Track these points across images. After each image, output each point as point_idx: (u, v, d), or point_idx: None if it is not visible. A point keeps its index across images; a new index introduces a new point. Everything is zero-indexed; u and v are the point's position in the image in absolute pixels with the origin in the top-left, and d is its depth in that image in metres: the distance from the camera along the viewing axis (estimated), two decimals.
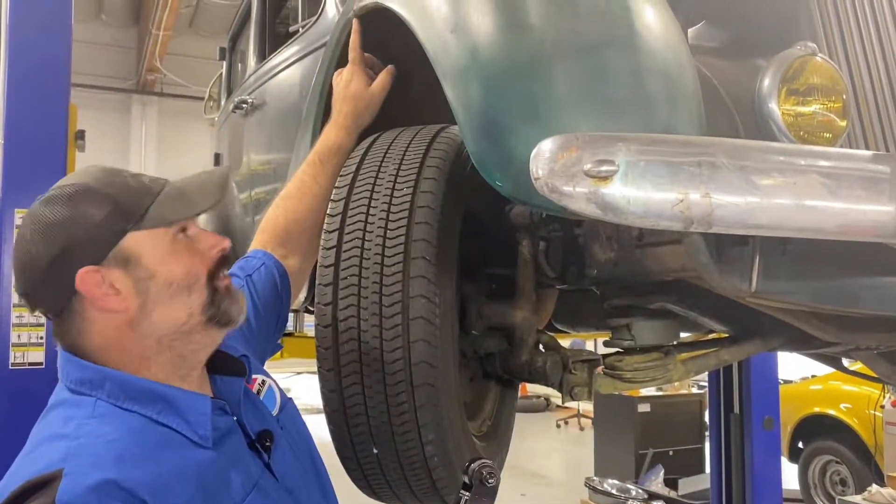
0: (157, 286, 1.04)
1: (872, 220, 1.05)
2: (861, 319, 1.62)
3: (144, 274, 1.04)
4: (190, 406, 1.05)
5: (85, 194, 1.04)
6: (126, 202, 1.05)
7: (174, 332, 1.06)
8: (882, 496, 3.87)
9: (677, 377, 1.69)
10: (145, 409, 1.02)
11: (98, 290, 1.02)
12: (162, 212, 1.06)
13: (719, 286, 1.33)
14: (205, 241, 1.10)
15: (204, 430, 1.04)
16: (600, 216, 0.99)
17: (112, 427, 0.98)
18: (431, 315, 1.27)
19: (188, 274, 1.07)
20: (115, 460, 0.94)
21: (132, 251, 1.04)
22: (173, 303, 1.05)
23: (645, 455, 6.75)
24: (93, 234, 1.03)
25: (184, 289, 1.06)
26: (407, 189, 1.33)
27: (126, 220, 1.04)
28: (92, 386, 1.02)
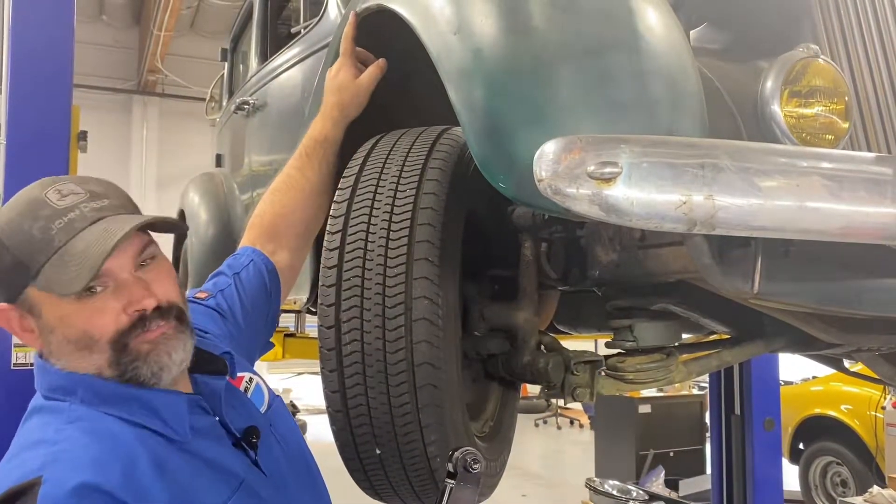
0: (56, 340, 1.04)
1: (875, 222, 1.06)
2: (863, 321, 1.62)
3: (45, 327, 1.04)
4: (165, 404, 1.04)
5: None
6: (24, 259, 1.01)
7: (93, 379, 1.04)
8: (883, 497, 3.87)
9: (679, 378, 1.69)
10: (120, 411, 1.02)
11: (13, 323, 1.05)
12: (49, 278, 1.01)
13: (721, 287, 1.33)
14: (121, 298, 1.04)
15: (181, 428, 1.04)
16: (604, 218, 1.00)
17: (88, 430, 0.98)
18: (434, 316, 1.28)
19: (83, 335, 1.03)
20: (92, 463, 0.94)
21: (34, 303, 1.04)
22: (78, 356, 1.04)
23: (646, 456, 6.75)
24: (3, 277, 1.03)
25: (82, 348, 1.03)
26: (410, 191, 1.34)
27: (23, 276, 1.02)
28: (65, 392, 1.03)
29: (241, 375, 1.23)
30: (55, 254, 1.01)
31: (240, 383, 1.22)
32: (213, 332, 1.28)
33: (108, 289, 1.04)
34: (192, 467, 1.02)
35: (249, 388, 1.22)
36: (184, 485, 0.99)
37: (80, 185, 1.06)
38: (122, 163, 13.61)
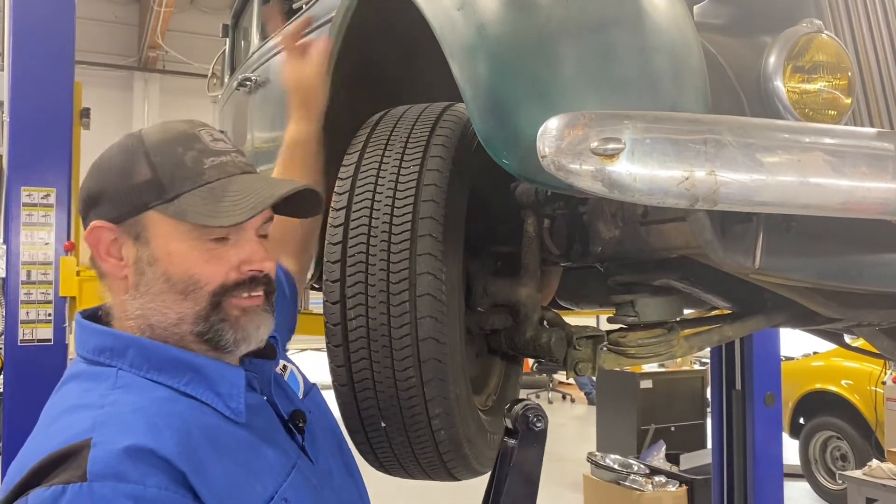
0: (153, 274, 0.97)
1: (877, 197, 1.06)
2: (864, 296, 1.63)
3: (148, 257, 0.98)
4: (222, 377, 0.97)
5: (140, 151, 1.00)
6: (164, 179, 0.98)
7: (164, 328, 0.98)
8: (882, 471, 3.91)
9: (681, 353, 1.70)
10: (172, 380, 0.95)
11: (101, 246, 0.98)
12: (185, 206, 0.98)
13: (723, 263, 1.34)
14: (243, 254, 1.01)
15: (237, 404, 0.97)
16: (606, 194, 1.00)
17: (138, 396, 0.91)
18: (438, 292, 1.29)
19: (189, 278, 0.98)
20: (146, 428, 0.87)
21: (146, 229, 0.98)
22: (164, 298, 0.98)
23: (647, 431, 6.80)
24: (125, 192, 0.98)
25: (178, 291, 0.98)
26: (413, 167, 1.34)
27: (154, 196, 0.98)
28: (113, 354, 0.96)
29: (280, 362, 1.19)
30: (203, 186, 0.99)
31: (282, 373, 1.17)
32: None
33: (231, 241, 1.01)
34: (246, 445, 0.95)
35: (284, 375, 1.17)
36: (238, 462, 0.92)
37: (226, 138, 1.08)
38: None
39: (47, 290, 2.74)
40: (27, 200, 2.72)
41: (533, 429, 1.02)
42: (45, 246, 2.77)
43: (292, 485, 0.97)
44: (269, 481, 0.94)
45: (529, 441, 1.04)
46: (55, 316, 2.74)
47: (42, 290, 2.74)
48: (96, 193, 1.00)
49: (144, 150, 1.00)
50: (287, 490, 0.95)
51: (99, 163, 1.03)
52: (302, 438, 1.07)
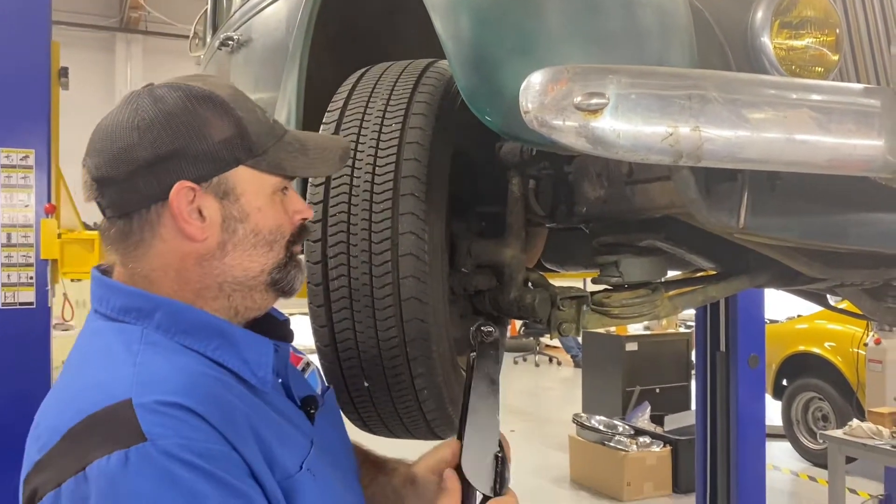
0: (244, 230, 0.96)
1: (862, 155, 1.05)
2: (846, 255, 1.64)
3: (238, 213, 0.95)
4: (250, 345, 0.96)
5: (216, 105, 0.95)
6: (252, 133, 0.96)
7: (239, 283, 0.97)
8: (862, 430, 3.97)
9: (664, 313, 1.71)
10: (200, 344, 0.92)
11: (186, 209, 0.92)
12: (279, 158, 0.98)
13: (707, 222, 1.34)
14: (295, 203, 1.03)
15: (264, 373, 0.95)
16: (590, 150, 0.99)
17: (168, 357, 0.89)
18: (420, 251, 1.28)
19: (276, 229, 0.99)
20: (185, 387, 0.84)
21: (236, 186, 0.95)
22: (252, 253, 0.97)
23: (632, 392, 6.88)
24: (207, 150, 0.93)
25: (267, 243, 0.98)
26: (395, 125, 1.32)
27: (245, 151, 0.95)
28: (139, 315, 0.92)
29: (300, 356, 1.15)
30: (280, 140, 0.99)
31: (297, 363, 1.13)
32: None
33: (287, 192, 1.02)
34: (271, 415, 0.94)
35: (306, 371, 1.14)
36: (269, 430, 0.90)
37: None
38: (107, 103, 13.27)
39: (28, 252, 2.71)
40: (5, 162, 2.67)
41: (486, 340, 1.12)
42: (25, 208, 2.73)
43: (314, 457, 0.96)
44: (295, 452, 0.93)
45: (485, 349, 1.13)
46: (37, 279, 2.71)
47: (23, 252, 2.71)
48: (170, 153, 0.92)
49: (222, 103, 0.95)
50: (311, 462, 0.95)
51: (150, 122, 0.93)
52: (311, 423, 1.04)
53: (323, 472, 0.96)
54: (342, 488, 1.01)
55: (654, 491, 5.78)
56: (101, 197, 0.95)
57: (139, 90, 0.97)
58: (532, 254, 2.16)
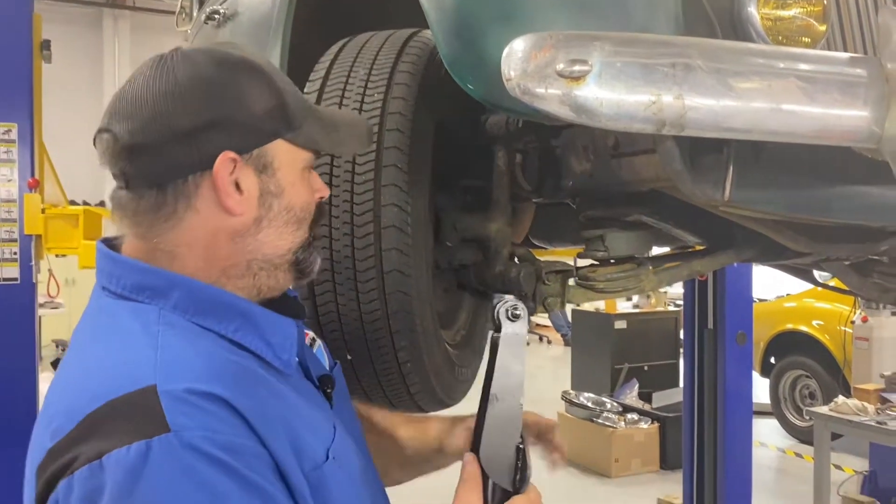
0: (279, 206, 0.92)
1: (847, 125, 1.04)
2: (832, 229, 1.63)
3: (275, 188, 0.92)
4: (273, 326, 0.91)
5: (256, 74, 0.91)
6: (291, 105, 0.93)
7: (268, 261, 0.93)
8: (848, 407, 4.01)
9: (649, 287, 1.70)
10: (219, 325, 0.87)
11: (227, 181, 0.88)
12: (313, 133, 0.95)
13: (692, 195, 1.33)
14: (315, 182, 1.00)
15: (288, 356, 0.91)
16: (573, 118, 0.98)
17: (191, 340, 0.84)
18: (403, 224, 1.27)
19: (306, 206, 0.96)
20: (211, 373, 0.79)
21: (274, 159, 0.91)
22: (284, 231, 0.93)
23: (620, 370, 6.92)
24: (249, 121, 0.89)
25: (297, 220, 0.95)
26: (378, 95, 1.30)
27: (284, 124, 0.92)
28: (154, 294, 0.87)
29: (307, 332, 1.11)
30: (315, 114, 0.97)
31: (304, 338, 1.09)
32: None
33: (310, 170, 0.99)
34: (296, 400, 0.89)
35: (313, 347, 1.10)
36: (295, 416, 0.85)
37: None
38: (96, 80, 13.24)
39: (12, 228, 2.69)
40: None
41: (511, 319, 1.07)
42: (8, 183, 2.70)
43: (339, 443, 0.91)
44: (321, 439, 0.88)
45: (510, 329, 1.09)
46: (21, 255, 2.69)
47: (6, 228, 2.69)
48: (211, 122, 0.87)
49: (261, 73, 0.92)
50: (336, 448, 0.90)
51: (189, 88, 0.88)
52: (330, 405, 1.00)
53: (346, 457, 0.92)
54: (363, 470, 0.96)
55: (642, 467, 5.84)
56: (131, 165, 0.88)
57: (168, 54, 0.92)
58: (520, 229, 2.15)
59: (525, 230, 2.18)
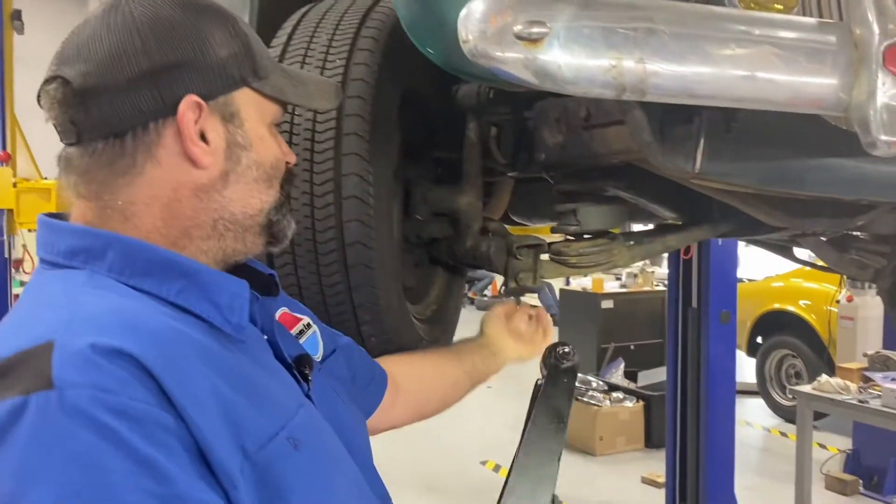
0: (248, 160, 0.86)
1: (814, 92, 1.01)
2: (808, 203, 1.61)
3: (242, 140, 0.85)
4: (221, 286, 0.82)
5: (220, 18, 0.85)
6: (257, 53, 0.88)
7: (235, 222, 0.86)
8: (831, 385, 4.01)
9: (623, 262, 1.68)
10: (160, 287, 0.78)
11: (192, 128, 0.81)
12: (282, 85, 0.89)
13: (663, 167, 1.30)
14: (283, 144, 0.94)
15: (238, 319, 0.82)
16: (531, 82, 0.94)
17: (114, 299, 0.75)
18: (365, 194, 1.23)
19: (276, 163, 0.90)
20: (124, 329, 0.70)
21: (241, 109, 0.86)
22: (254, 188, 0.87)
23: (607, 349, 6.93)
24: (215, 65, 0.83)
25: (268, 177, 0.88)
26: (340, 61, 1.27)
27: (251, 71, 0.86)
28: (88, 256, 0.79)
29: (299, 317, 1.05)
30: (280, 68, 0.92)
31: (293, 324, 1.03)
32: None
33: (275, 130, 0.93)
34: (246, 370, 0.80)
35: (305, 334, 1.04)
36: (236, 387, 0.75)
37: None
38: None
39: None
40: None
41: (559, 365, 1.01)
42: None
43: (301, 424, 0.81)
44: (273, 414, 0.78)
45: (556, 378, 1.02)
46: None
47: None
48: (175, 64, 0.80)
49: (226, 17, 0.86)
50: (297, 428, 0.79)
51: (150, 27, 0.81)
52: (308, 387, 0.91)
53: (311, 443, 0.81)
54: (335, 464, 0.86)
55: (627, 445, 5.86)
56: (84, 113, 0.79)
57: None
58: (498, 205, 2.12)
59: (503, 206, 2.15)
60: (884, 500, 4.91)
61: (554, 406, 1.00)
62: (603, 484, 5.33)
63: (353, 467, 0.89)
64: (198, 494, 0.66)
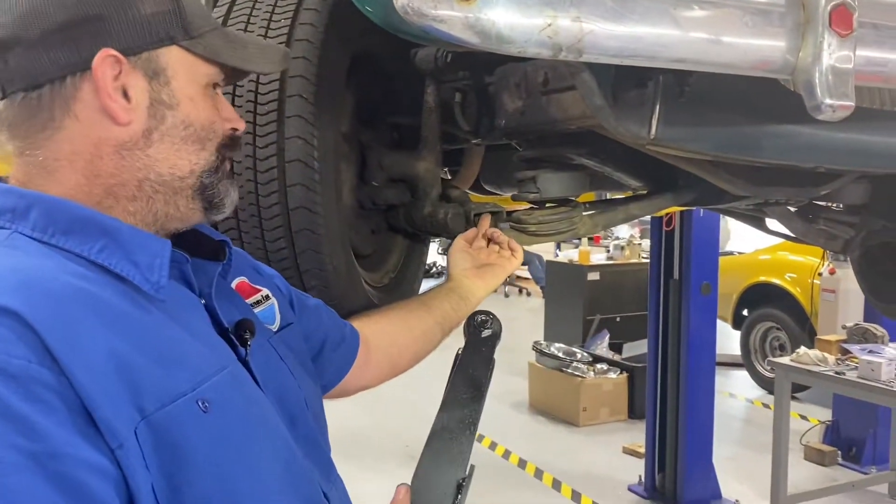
0: (174, 119, 0.85)
1: (760, 54, 0.99)
2: (770, 171, 1.59)
3: (168, 98, 0.84)
4: (141, 245, 0.81)
5: None
6: (189, 12, 0.85)
7: (163, 183, 0.85)
8: (809, 357, 4.02)
9: (584, 231, 1.66)
10: (81, 246, 0.78)
11: (110, 83, 0.80)
12: (217, 45, 0.88)
13: (617, 132, 1.28)
14: (225, 109, 0.92)
15: (157, 277, 0.80)
16: (464, 41, 0.92)
17: (24, 257, 0.75)
18: (309, 158, 1.21)
19: (209, 125, 0.88)
20: (16, 287, 0.69)
21: (167, 67, 0.84)
22: (182, 148, 0.85)
23: (592, 321, 6.94)
24: (138, 20, 0.82)
25: (199, 139, 0.87)
26: (285, 20, 1.23)
27: (179, 30, 0.84)
28: (14, 216, 0.78)
29: (257, 288, 1.03)
30: (217, 29, 0.90)
31: (250, 294, 1.01)
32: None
33: (219, 93, 0.91)
34: (159, 330, 0.78)
35: (261, 304, 1.02)
36: (141, 347, 0.74)
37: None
38: None
39: None
40: None
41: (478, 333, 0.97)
42: None
43: (218, 386, 0.78)
44: (182, 375, 0.76)
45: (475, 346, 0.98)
46: None
47: None
48: (95, 16, 0.80)
49: None
50: (209, 390, 0.77)
51: None
52: (245, 351, 0.89)
53: (227, 407, 0.78)
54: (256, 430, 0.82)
55: (610, 416, 5.89)
56: (4, 64, 0.80)
57: None
58: (468, 174, 2.09)
59: (474, 174, 2.12)
60: (861, 470, 4.96)
61: (471, 375, 0.97)
62: (584, 454, 5.37)
63: (282, 437, 0.87)
64: (72, 451, 0.65)
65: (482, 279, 1.46)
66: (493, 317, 1.00)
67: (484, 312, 1.00)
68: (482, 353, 1.00)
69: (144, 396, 0.71)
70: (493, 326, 1.00)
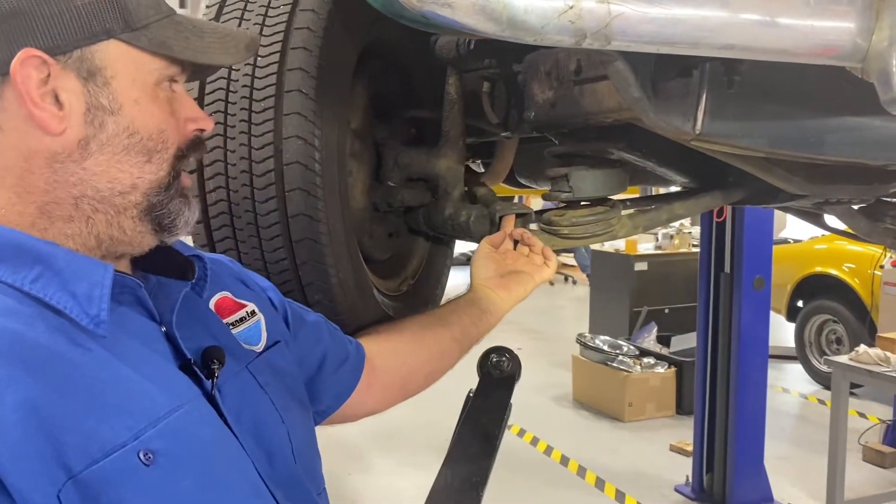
0: (115, 126, 0.74)
1: (824, 39, 0.83)
2: (832, 168, 1.42)
3: (108, 102, 0.74)
4: (79, 274, 0.72)
5: None
6: (128, 1, 0.75)
7: (102, 200, 0.75)
8: (868, 356, 3.79)
9: (623, 233, 1.51)
10: (14, 276, 0.70)
11: (35, 88, 0.71)
12: (165, 37, 0.77)
13: (657, 126, 1.14)
14: (187, 108, 0.81)
15: (97, 311, 0.71)
16: (470, 28, 0.79)
17: None
18: (309, 159, 1.09)
19: (158, 134, 0.77)
20: None
21: (106, 66, 0.74)
22: (123, 159, 0.75)
23: (639, 313, 6.74)
24: (66, 13, 0.72)
25: (145, 150, 0.76)
26: (284, 7, 1.11)
27: (118, 21, 0.74)
28: None
29: (242, 303, 0.93)
30: (167, 18, 0.78)
31: (233, 311, 0.92)
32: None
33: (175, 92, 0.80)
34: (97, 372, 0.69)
35: (245, 322, 0.92)
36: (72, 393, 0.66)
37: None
38: None
39: None
40: None
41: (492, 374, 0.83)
42: None
43: (168, 432, 0.69)
44: (121, 423, 0.67)
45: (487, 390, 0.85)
46: None
47: None
48: (11, 12, 0.71)
49: None
50: (154, 439, 0.68)
51: None
52: (211, 385, 0.78)
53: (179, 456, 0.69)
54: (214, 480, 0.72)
55: (657, 412, 5.70)
56: None
57: None
58: (500, 168, 1.97)
59: (507, 169, 1.99)
60: None
61: (481, 424, 0.84)
62: (629, 451, 5.20)
63: (251, 483, 0.77)
64: None
65: (507, 289, 1.31)
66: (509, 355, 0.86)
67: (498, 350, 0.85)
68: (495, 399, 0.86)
69: (71, 453, 0.62)
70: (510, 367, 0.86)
